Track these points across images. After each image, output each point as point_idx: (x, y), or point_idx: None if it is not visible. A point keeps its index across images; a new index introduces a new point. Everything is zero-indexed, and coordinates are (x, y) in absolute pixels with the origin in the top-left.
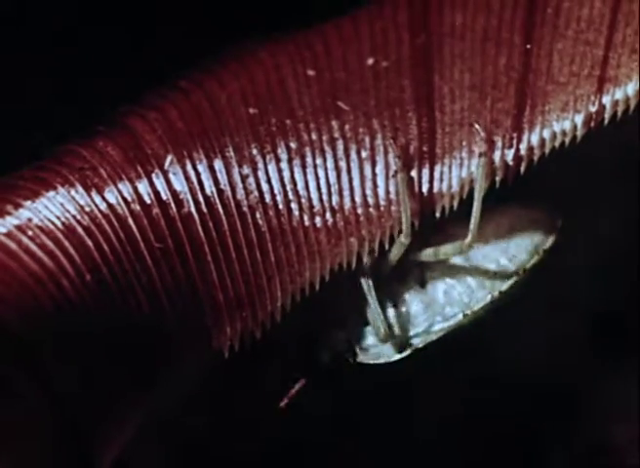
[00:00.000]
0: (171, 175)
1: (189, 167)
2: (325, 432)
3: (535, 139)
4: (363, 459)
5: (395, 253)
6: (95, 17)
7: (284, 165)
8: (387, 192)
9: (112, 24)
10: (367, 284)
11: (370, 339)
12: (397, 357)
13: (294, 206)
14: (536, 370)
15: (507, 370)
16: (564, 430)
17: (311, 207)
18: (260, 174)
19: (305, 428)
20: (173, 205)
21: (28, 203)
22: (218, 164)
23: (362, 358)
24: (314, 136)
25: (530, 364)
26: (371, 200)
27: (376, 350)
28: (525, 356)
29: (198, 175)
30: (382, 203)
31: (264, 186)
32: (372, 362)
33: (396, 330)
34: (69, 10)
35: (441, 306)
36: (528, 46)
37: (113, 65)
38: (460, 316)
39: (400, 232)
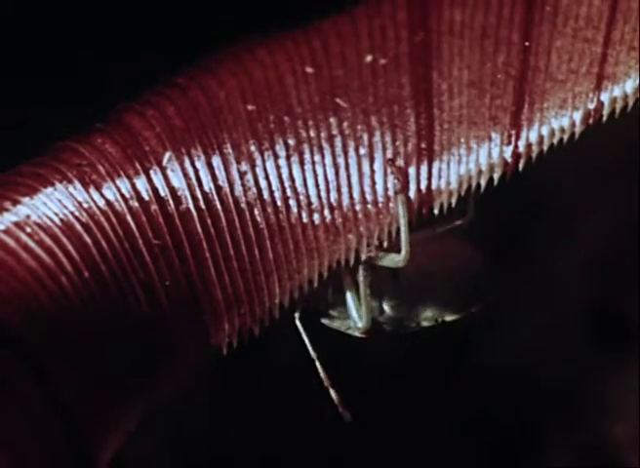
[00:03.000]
0: (169, 172)
1: (187, 163)
2: (327, 431)
3: (533, 136)
4: (366, 459)
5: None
6: (92, 14)
7: (282, 162)
8: (386, 189)
9: (109, 23)
10: (363, 275)
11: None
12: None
13: (292, 203)
14: (535, 368)
15: (506, 367)
16: (563, 428)
17: (309, 204)
18: (259, 170)
19: (306, 428)
20: (171, 201)
21: (26, 199)
22: (216, 160)
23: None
24: (312, 133)
25: (529, 361)
26: (369, 197)
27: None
28: (524, 353)
29: (196, 171)
30: (381, 200)
31: (263, 183)
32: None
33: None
34: (67, 9)
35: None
36: (526, 43)
37: (112, 63)
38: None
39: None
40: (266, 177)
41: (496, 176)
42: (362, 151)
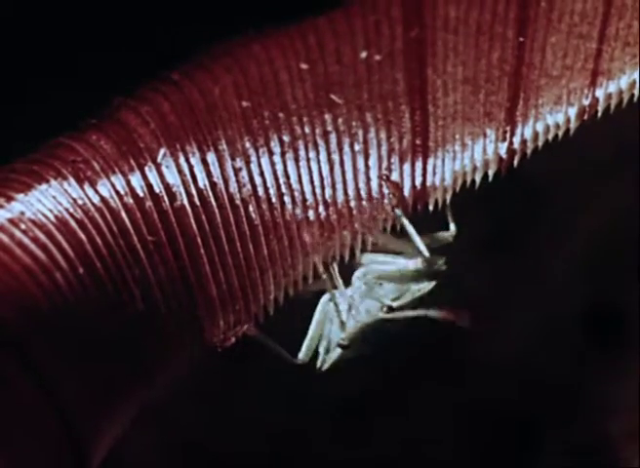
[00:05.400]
0: (164, 169)
1: (182, 160)
2: (326, 429)
3: (528, 133)
4: (360, 454)
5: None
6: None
7: (277, 158)
8: (380, 185)
9: (103, 18)
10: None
11: None
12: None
13: (287, 199)
14: (531, 366)
15: (502, 365)
16: (559, 423)
17: (304, 200)
18: (253, 167)
19: (304, 426)
20: (166, 198)
21: (21, 196)
22: (210, 157)
23: None
24: (307, 130)
25: (525, 359)
26: (364, 193)
27: None
28: (520, 351)
29: (191, 168)
30: (375, 196)
31: (257, 179)
32: None
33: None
34: (62, 7)
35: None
36: (521, 39)
37: (106, 59)
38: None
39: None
40: (261, 174)
41: (490, 173)
42: (357, 147)
